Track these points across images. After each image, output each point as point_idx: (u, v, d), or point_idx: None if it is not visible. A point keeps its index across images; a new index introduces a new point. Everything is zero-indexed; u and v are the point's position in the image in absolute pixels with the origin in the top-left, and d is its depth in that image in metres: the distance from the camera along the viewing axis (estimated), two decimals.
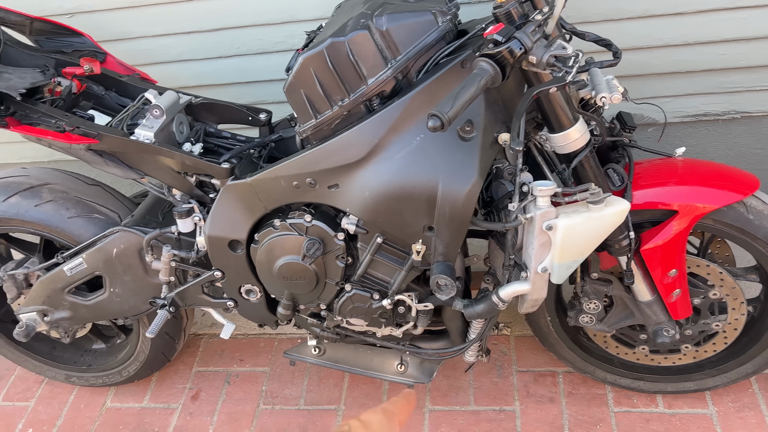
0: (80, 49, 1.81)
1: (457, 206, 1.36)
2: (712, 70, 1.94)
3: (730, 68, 1.93)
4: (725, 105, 2.03)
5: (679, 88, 2.00)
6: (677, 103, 2.05)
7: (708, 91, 2.00)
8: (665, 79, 1.99)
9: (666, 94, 2.02)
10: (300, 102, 1.41)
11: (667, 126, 2.11)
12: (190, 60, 2.09)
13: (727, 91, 1.99)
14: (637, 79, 1.99)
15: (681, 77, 1.98)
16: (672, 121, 2.09)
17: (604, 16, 1.86)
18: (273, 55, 2.06)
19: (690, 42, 1.89)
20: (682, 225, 1.49)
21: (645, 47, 1.92)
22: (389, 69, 1.34)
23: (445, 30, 1.36)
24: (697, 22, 1.84)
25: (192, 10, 1.96)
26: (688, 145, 2.15)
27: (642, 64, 1.95)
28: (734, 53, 1.90)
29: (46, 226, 1.78)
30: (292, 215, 1.53)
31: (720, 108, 2.04)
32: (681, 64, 1.94)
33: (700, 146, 2.15)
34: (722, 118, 2.07)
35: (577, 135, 1.37)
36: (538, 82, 1.31)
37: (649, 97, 2.04)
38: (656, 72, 1.97)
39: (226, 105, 1.77)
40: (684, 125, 2.11)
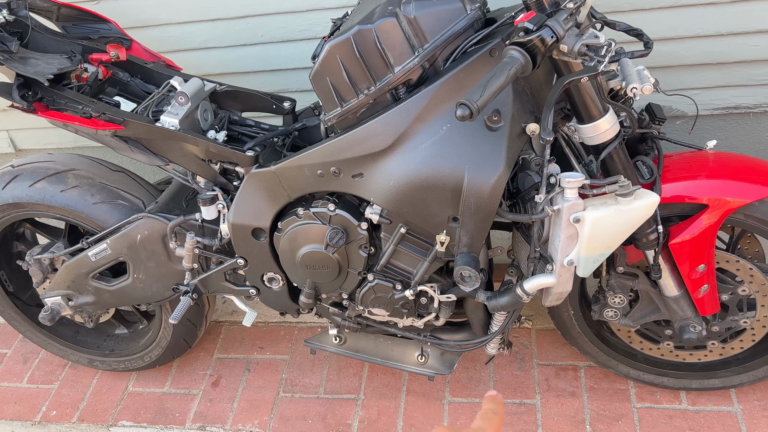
0: (106, 35, 1.82)
1: (483, 197, 1.35)
2: (744, 61, 1.90)
3: (762, 60, 1.89)
4: (757, 97, 1.98)
5: (710, 79, 1.96)
6: (708, 95, 2.00)
7: (739, 83, 1.96)
8: (696, 71, 1.95)
9: (696, 85, 1.98)
10: (326, 90, 1.40)
11: (697, 118, 2.07)
12: (214, 48, 2.09)
13: (760, 84, 1.94)
14: (667, 70, 1.95)
15: (712, 68, 1.93)
16: (702, 114, 2.05)
17: (634, 5, 1.82)
18: (297, 44, 2.05)
19: (722, 33, 1.84)
20: (712, 219, 1.46)
21: (675, 38, 1.88)
22: (416, 57, 1.32)
23: (473, 18, 1.33)
24: (729, 12, 1.80)
25: None
26: (717, 139, 2.10)
27: (672, 54, 1.92)
28: (767, 44, 1.85)
29: (72, 211, 1.79)
30: (315, 204, 1.53)
31: (751, 100, 1.99)
32: (712, 55, 1.90)
33: (730, 139, 2.11)
34: (753, 111, 2.02)
35: (606, 126, 1.34)
36: (569, 71, 1.28)
37: (679, 89, 2.00)
38: (687, 63, 1.93)
39: (250, 93, 1.77)
40: (714, 118, 2.06)
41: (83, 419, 2.15)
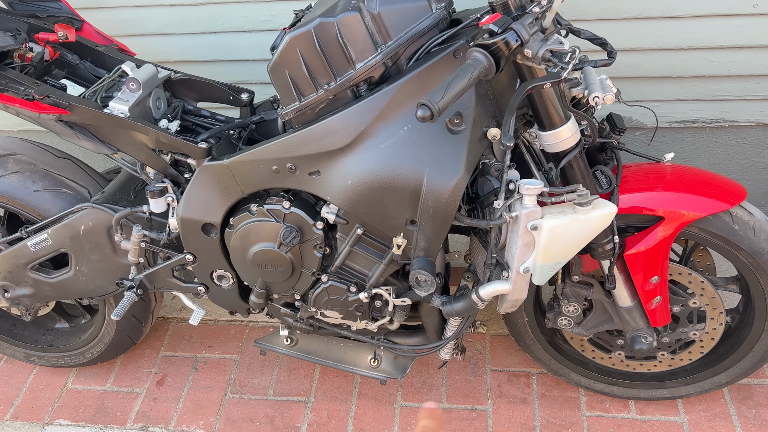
0: (55, 14, 1.73)
1: (442, 201, 1.32)
2: (703, 76, 1.93)
3: (721, 76, 1.92)
4: (714, 113, 2.02)
5: (670, 92, 1.99)
6: (667, 108, 2.03)
7: (698, 98, 1.99)
8: (656, 83, 1.97)
9: (656, 98, 2.01)
10: (284, 83, 1.35)
11: (656, 131, 2.09)
12: (171, 34, 2.02)
13: (717, 99, 1.98)
14: (629, 81, 1.97)
15: (672, 82, 1.96)
16: (661, 126, 2.08)
17: (599, 15, 1.83)
18: (258, 34, 1.99)
19: (683, 47, 1.87)
20: (667, 232, 1.46)
21: (638, 49, 1.89)
22: (379, 54, 1.29)
23: (438, 17, 1.31)
24: (692, 27, 1.82)
25: None
26: (674, 151, 2.14)
27: (634, 66, 1.93)
28: (726, 61, 1.88)
29: (11, 198, 1.69)
30: (270, 201, 1.48)
31: (708, 115, 2.03)
32: (673, 69, 1.92)
33: (687, 153, 2.14)
34: (710, 125, 2.05)
35: (567, 134, 1.33)
36: (532, 77, 1.26)
37: (639, 100, 2.02)
38: (648, 75, 1.95)
39: (207, 82, 1.70)
40: (672, 131, 2.09)
41: (17, 417, 2.04)
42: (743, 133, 2.06)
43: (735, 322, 1.74)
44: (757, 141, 2.08)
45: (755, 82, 1.92)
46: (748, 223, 1.48)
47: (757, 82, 1.92)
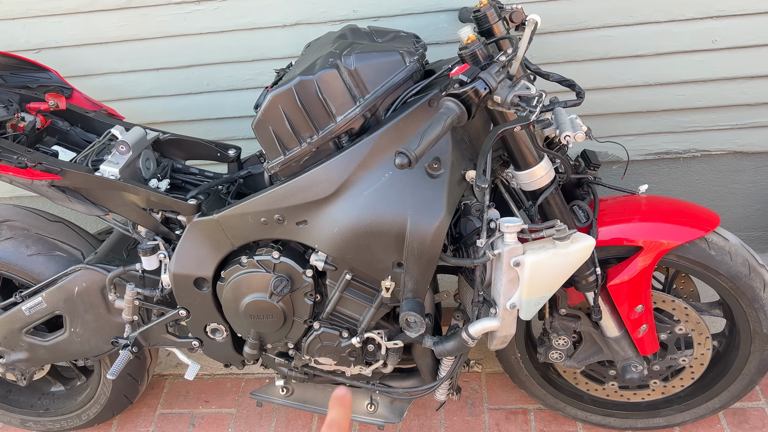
0: (46, 84, 1.79)
1: (426, 242, 1.36)
2: (672, 110, 2.01)
3: (688, 108, 2.00)
4: (685, 143, 2.09)
5: (641, 126, 2.06)
6: (639, 141, 2.10)
7: (669, 130, 2.06)
8: (627, 118, 2.05)
9: (628, 132, 2.08)
10: (268, 139, 1.40)
11: (631, 163, 2.16)
12: (159, 96, 2.08)
13: (687, 130, 2.06)
14: (601, 117, 2.05)
15: (642, 116, 2.04)
16: (635, 159, 2.15)
17: (566, 57, 1.91)
18: (243, 92, 2.06)
19: (650, 83, 1.95)
20: (647, 261, 1.51)
21: (607, 87, 1.97)
22: (357, 107, 1.35)
23: (412, 70, 1.38)
24: (656, 64, 1.91)
25: (162, 46, 1.97)
26: (650, 182, 2.20)
27: (604, 103, 2.01)
28: (692, 94, 1.97)
29: (5, 264, 1.72)
30: (259, 252, 1.52)
31: (680, 146, 2.10)
32: (642, 104, 2.00)
33: (663, 183, 2.21)
34: (683, 156, 2.13)
35: (542, 173, 1.39)
36: (503, 121, 1.33)
37: (612, 135, 2.09)
38: (618, 111, 2.03)
39: (194, 141, 1.76)
40: (647, 163, 2.16)
41: None
42: (716, 162, 2.14)
43: (722, 346, 1.77)
44: (729, 168, 2.15)
45: (722, 113, 2.00)
46: (723, 248, 1.53)
47: (723, 113, 2.00)
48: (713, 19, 1.81)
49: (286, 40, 1.93)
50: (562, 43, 1.88)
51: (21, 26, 1.95)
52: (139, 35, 1.94)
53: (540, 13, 1.83)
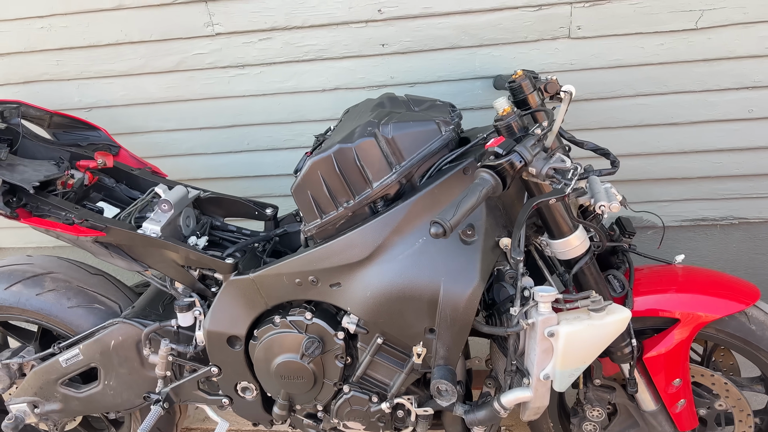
0: (95, 142, 1.87)
1: (459, 309, 1.36)
2: (708, 177, 2.00)
3: (725, 176, 1.99)
4: (723, 211, 2.07)
5: (677, 193, 2.05)
6: (675, 208, 2.09)
7: (705, 197, 2.05)
8: (662, 185, 2.04)
9: (663, 198, 2.07)
10: (306, 202, 1.44)
11: (666, 230, 2.14)
12: (201, 154, 2.16)
13: (724, 198, 2.04)
14: (635, 183, 2.04)
15: (678, 183, 2.03)
16: (671, 225, 2.12)
17: (600, 124, 1.93)
18: (282, 152, 2.12)
19: (685, 150, 1.95)
20: (684, 334, 1.48)
21: (641, 154, 1.98)
22: (394, 174, 1.38)
23: (447, 139, 1.41)
24: (691, 132, 1.91)
25: (206, 107, 2.05)
26: (687, 250, 2.17)
27: (639, 169, 2.01)
28: (729, 162, 1.96)
29: (46, 315, 1.77)
30: (292, 312, 1.53)
31: (718, 213, 2.08)
32: (677, 171, 2.00)
33: (699, 250, 2.17)
34: (720, 223, 2.10)
35: (577, 242, 1.39)
36: (538, 191, 1.34)
37: (646, 201, 2.08)
38: (653, 177, 2.02)
39: (233, 199, 1.81)
40: (683, 229, 2.14)
41: None
42: (755, 230, 2.10)
43: (765, 423, 1.70)
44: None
45: (760, 181, 1.98)
46: (764, 323, 1.49)
47: (762, 181, 1.98)
48: (749, 89, 1.82)
49: (325, 104, 2.00)
50: (596, 110, 1.91)
51: (75, 87, 2.05)
52: (184, 96, 2.03)
53: (574, 81, 1.86)
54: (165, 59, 1.96)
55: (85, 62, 2.00)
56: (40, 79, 2.05)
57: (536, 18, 1.77)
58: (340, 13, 1.82)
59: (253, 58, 1.93)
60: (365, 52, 1.88)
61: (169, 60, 1.96)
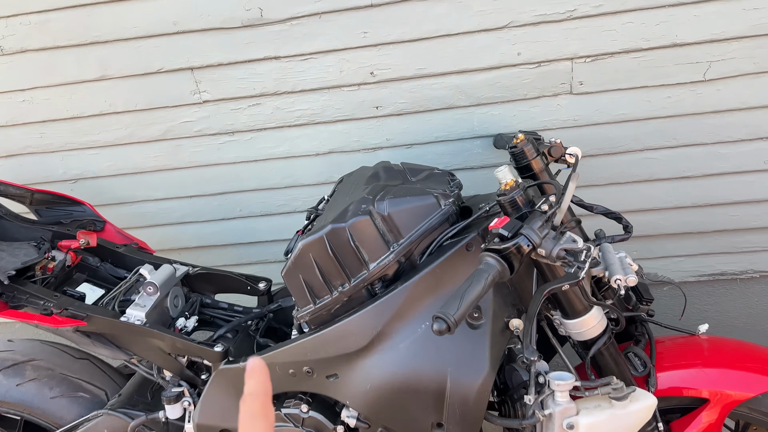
0: (79, 218, 1.79)
1: (469, 402, 1.24)
2: (725, 230, 1.89)
3: (743, 229, 1.89)
4: (742, 264, 1.96)
5: (693, 247, 1.95)
6: (692, 263, 1.98)
7: (723, 251, 1.94)
8: (677, 239, 1.94)
9: (679, 254, 1.97)
10: (298, 287, 1.34)
11: (684, 285, 2.03)
12: (191, 222, 2.07)
13: (743, 251, 1.93)
14: (648, 239, 1.94)
15: (693, 237, 1.92)
16: (689, 280, 2.01)
17: (609, 180, 1.84)
18: (276, 217, 2.04)
19: (699, 204, 1.85)
20: (714, 416, 1.36)
21: (653, 209, 1.88)
22: (391, 253, 1.28)
23: (447, 213, 1.31)
24: (705, 185, 1.82)
25: (196, 175, 1.97)
26: (706, 305, 2.06)
27: (651, 224, 1.91)
28: (746, 214, 1.86)
29: (27, 407, 1.65)
30: (287, 404, 1.41)
31: (737, 267, 1.97)
32: (692, 225, 1.90)
33: (720, 305, 2.06)
34: (740, 277, 1.99)
35: (593, 322, 1.28)
36: (549, 271, 1.24)
37: (661, 257, 1.98)
38: (667, 233, 1.92)
39: (224, 274, 1.71)
40: (701, 284, 2.02)
41: None
42: None
43: None
44: None
45: None
46: None
47: None
48: (763, 140, 1.73)
49: (319, 168, 1.91)
50: (603, 165, 1.82)
51: (59, 159, 1.98)
52: (172, 165, 1.95)
53: (578, 138, 1.78)
54: (151, 128, 1.89)
55: (69, 134, 1.93)
56: (24, 152, 1.98)
57: (536, 75, 1.69)
58: (331, 77, 1.74)
59: (243, 125, 1.86)
60: (359, 114, 1.80)
61: (156, 129, 1.89)
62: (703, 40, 1.59)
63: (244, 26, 1.69)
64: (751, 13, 1.55)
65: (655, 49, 1.62)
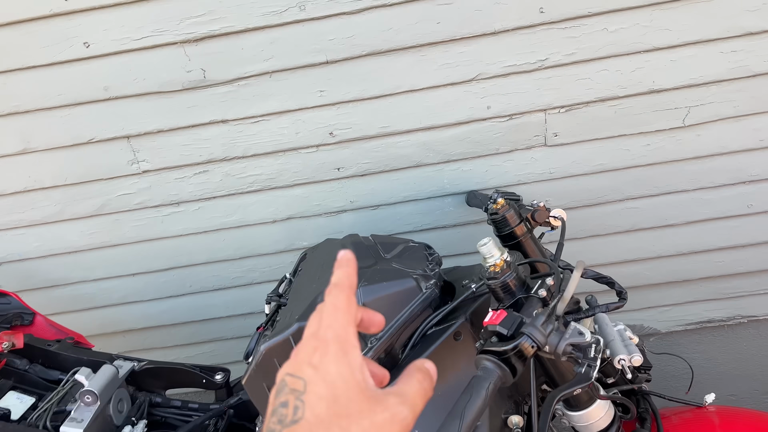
0: (4, 312, 1.56)
1: None
2: (711, 277, 1.80)
3: (729, 274, 1.80)
4: (729, 310, 1.87)
5: (678, 296, 1.85)
6: (678, 312, 1.88)
7: (709, 298, 1.85)
8: (662, 289, 1.84)
9: (665, 303, 1.87)
10: (262, 396, 1.15)
11: (671, 335, 1.93)
12: (136, 302, 1.85)
13: (730, 297, 1.85)
14: (632, 290, 1.83)
15: (679, 286, 1.83)
16: (676, 330, 1.92)
17: (590, 232, 1.73)
18: (231, 291, 1.84)
19: (683, 252, 1.76)
20: None
21: (637, 260, 1.78)
22: (369, 350, 1.11)
23: (430, 297, 1.16)
24: (688, 233, 1.73)
25: (138, 251, 1.76)
26: (695, 353, 1.96)
27: (635, 276, 1.81)
28: (731, 260, 1.77)
29: None
30: None
31: (724, 313, 1.88)
32: (677, 274, 1.80)
33: (709, 352, 1.96)
34: (728, 323, 1.90)
35: (600, 413, 1.14)
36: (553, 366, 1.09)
37: (646, 307, 1.88)
38: (651, 283, 1.82)
39: (174, 367, 1.51)
40: (688, 333, 1.93)
41: None
42: (764, 327, 1.91)
43: None
44: None
45: (765, 277, 1.80)
46: None
47: (766, 276, 1.80)
48: (746, 183, 1.65)
49: (277, 235, 1.74)
50: (583, 218, 1.70)
51: None
52: (111, 242, 1.74)
53: (555, 191, 1.66)
54: (85, 203, 1.68)
55: None
56: None
57: (507, 128, 1.57)
58: (285, 140, 1.58)
59: (189, 194, 1.67)
60: (319, 177, 1.64)
61: (90, 204, 1.68)
62: (681, 86, 1.51)
63: (185, 89, 1.51)
64: (729, 55, 1.47)
65: (631, 96, 1.52)
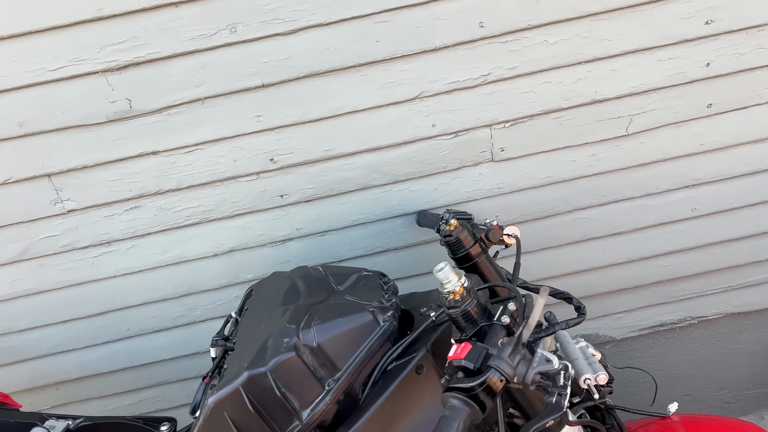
0: None
1: None
2: (661, 281, 1.82)
3: (677, 278, 1.82)
4: (680, 312, 1.89)
5: (630, 302, 1.86)
6: (631, 318, 1.89)
7: (660, 302, 1.86)
8: (614, 296, 1.84)
9: (618, 310, 1.87)
10: None
11: (625, 341, 1.93)
12: (69, 351, 1.71)
13: (680, 299, 1.87)
14: (585, 300, 1.81)
15: (630, 292, 1.83)
16: (629, 336, 1.92)
17: (541, 245, 1.71)
18: (172, 331, 1.73)
19: (633, 258, 1.76)
20: None
21: (588, 269, 1.77)
22: (327, 393, 1.04)
23: (388, 331, 1.10)
24: (636, 239, 1.73)
25: (68, 296, 1.62)
26: (650, 356, 1.97)
27: (587, 285, 1.80)
28: (679, 263, 1.79)
29: None
30: None
31: (675, 316, 1.90)
32: (628, 280, 1.81)
33: (662, 355, 1.98)
34: (679, 325, 1.92)
35: None
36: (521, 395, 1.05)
37: (600, 316, 1.88)
38: (604, 291, 1.82)
39: (114, 422, 1.39)
40: (641, 338, 1.94)
41: None
42: (714, 326, 1.94)
43: None
44: (729, 330, 1.95)
45: (713, 277, 1.83)
46: None
47: (714, 277, 1.83)
48: (689, 188, 1.66)
49: (220, 269, 1.64)
50: (534, 231, 1.68)
51: None
52: (36, 289, 1.60)
53: (504, 205, 1.63)
54: (4, 249, 1.53)
55: None
56: None
57: (453, 146, 1.53)
58: (222, 168, 1.49)
59: (121, 232, 1.55)
60: (261, 206, 1.56)
61: (10, 249, 1.54)
62: (623, 94, 1.51)
63: (110, 121, 1.40)
64: (666, 63, 1.48)
65: (575, 107, 1.51)
